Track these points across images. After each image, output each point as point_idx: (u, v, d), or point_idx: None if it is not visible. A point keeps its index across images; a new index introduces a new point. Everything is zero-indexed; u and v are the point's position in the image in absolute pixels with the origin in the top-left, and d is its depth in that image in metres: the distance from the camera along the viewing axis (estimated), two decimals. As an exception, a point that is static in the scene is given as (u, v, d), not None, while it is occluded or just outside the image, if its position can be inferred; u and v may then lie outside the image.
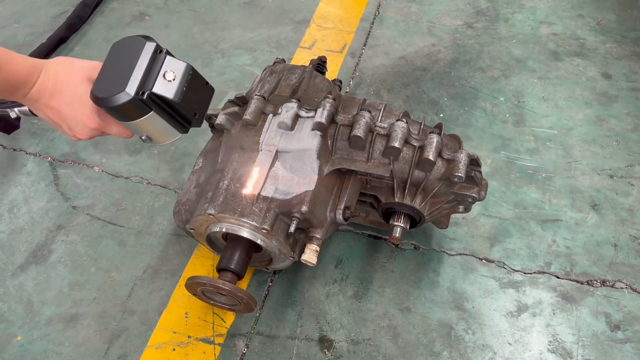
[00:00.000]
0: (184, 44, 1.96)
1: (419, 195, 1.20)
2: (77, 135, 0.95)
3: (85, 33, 2.02)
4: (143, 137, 0.97)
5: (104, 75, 0.89)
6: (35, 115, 1.01)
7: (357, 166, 1.16)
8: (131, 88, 0.86)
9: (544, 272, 1.39)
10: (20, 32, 2.02)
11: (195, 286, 1.16)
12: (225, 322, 1.33)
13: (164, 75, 0.89)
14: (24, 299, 1.38)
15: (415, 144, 1.14)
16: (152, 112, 0.90)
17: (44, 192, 1.58)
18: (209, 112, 1.23)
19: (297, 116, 1.16)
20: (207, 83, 0.97)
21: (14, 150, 1.69)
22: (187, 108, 0.93)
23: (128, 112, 0.89)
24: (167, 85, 0.89)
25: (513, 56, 1.86)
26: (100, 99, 0.88)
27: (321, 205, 1.16)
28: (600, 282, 1.36)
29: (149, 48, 0.89)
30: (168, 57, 0.91)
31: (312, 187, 1.13)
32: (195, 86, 0.93)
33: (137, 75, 0.87)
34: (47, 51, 1.89)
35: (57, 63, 0.91)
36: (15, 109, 1.11)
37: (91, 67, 0.93)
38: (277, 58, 1.38)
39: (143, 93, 0.87)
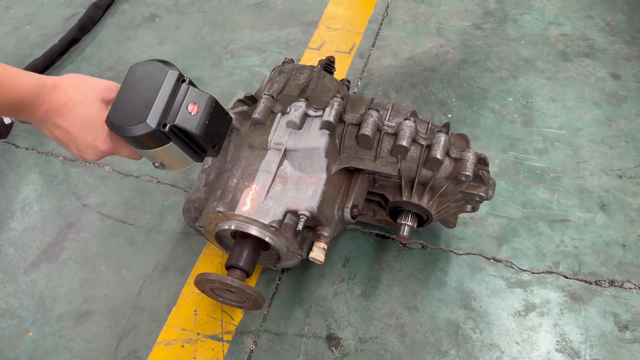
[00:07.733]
0: (194, 45, 1.98)
1: (427, 194, 1.20)
2: (85, 156, 0.91)
3: (96, 34, 2.04)
4: (156, 164, 0.94)
5: (122, 101, 0.85)
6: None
7: (365, 165, 1.17)
8: (152, 119, 0.82)
9: (552, 272, 1.38)
10: (33, 34, 2.04)
11: (204, 283, 1.18)
12: (233, 320, 1.34)
13: (186, 107, 0.85)
14: (35, 296, 1.40)
15: (423, 142, 1.14)
16: (170, 142, 0.87)
17: (55, 190, 1.61)
18: None
19: (305, 115, 1.17)
20: (227, 114, 0.93)
21: (26, 149, 1.71)
22: (207, 140, 0.89)
23: (146, 142, 0.86)
24: (189, 118, 0.85)
25: (522, 57, 1.86)
26: (118, 127, 0.84)
27: (329, 203, 1.17)
28: (608, 282, 1.36)
29: (171, 76, 0.85)
30: (191, 87, 0.87)
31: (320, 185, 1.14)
32: (216, 118, 0.89)
33: (158, 106, 0.83)
34: (59, 52, 1.91)
35: (68, 81, 0.86)
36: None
37: (105, 88, 0.88)
38: (285, 58, 1.40)
39: (165, 125, 0.83)
